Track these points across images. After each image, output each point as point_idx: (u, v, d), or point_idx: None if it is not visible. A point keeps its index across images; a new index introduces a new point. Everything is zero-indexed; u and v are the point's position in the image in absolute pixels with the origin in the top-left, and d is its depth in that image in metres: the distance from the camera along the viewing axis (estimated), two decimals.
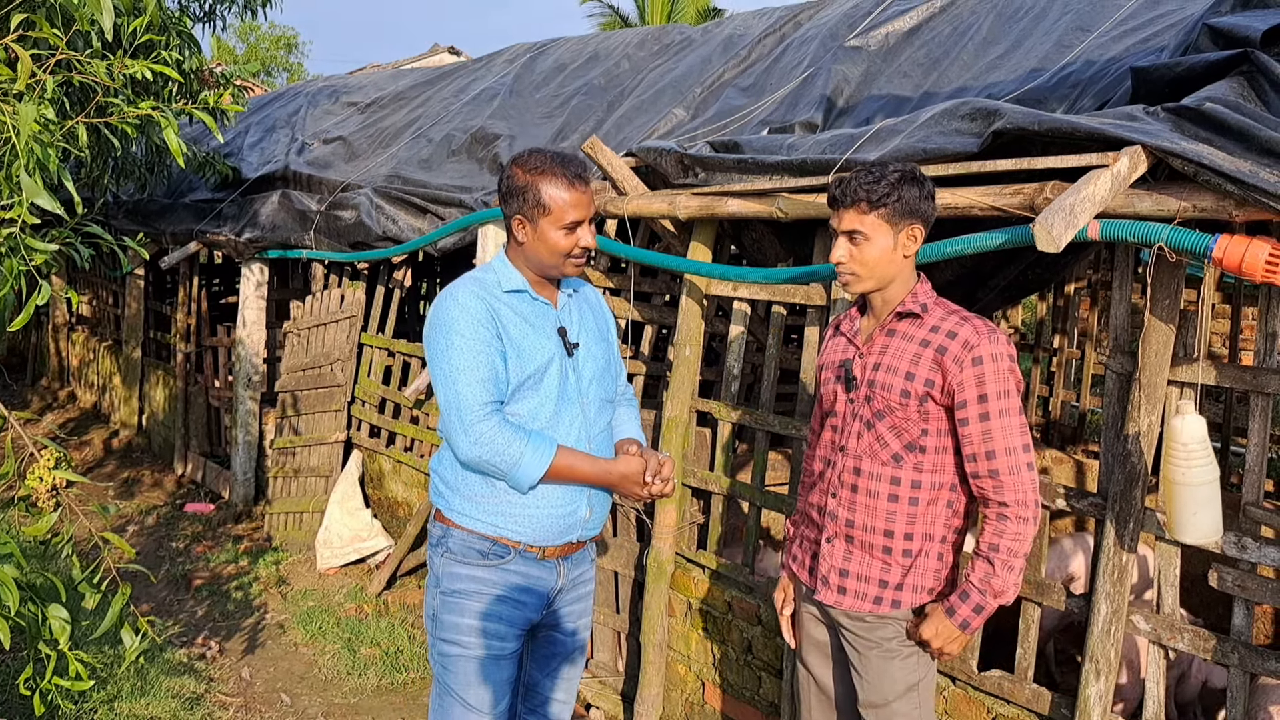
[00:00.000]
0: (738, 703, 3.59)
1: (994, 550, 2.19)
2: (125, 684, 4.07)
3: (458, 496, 2.41)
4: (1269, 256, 2.14)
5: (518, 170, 2.36)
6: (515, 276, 2.42)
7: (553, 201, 2.32)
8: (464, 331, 2.28)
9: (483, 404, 2.27)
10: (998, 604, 2.21)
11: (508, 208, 2.38)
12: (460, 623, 2.41)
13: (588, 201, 2.36)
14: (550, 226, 2.33)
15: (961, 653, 2.88)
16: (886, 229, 2.25)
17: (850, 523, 2.36)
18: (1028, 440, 2.21)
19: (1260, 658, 2.40)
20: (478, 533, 2.38)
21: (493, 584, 2.41)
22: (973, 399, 2.19)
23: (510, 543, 2.39)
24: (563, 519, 2.41)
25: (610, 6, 22.35)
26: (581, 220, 2.36)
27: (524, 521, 2.38)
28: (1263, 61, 2.37)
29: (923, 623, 2.29)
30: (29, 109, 2.09)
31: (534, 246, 2.37)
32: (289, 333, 6.53)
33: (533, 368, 2.35)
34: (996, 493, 2.20)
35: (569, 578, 2.53)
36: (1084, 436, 6.56)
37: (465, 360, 2.27)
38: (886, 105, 3.81)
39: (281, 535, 6.23)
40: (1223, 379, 2.53)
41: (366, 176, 6.11)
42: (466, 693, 2.42)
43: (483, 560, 2.40)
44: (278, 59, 30.32)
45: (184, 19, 5.19)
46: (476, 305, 2.31)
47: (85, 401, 9.65)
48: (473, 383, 2.26)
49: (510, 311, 2.36)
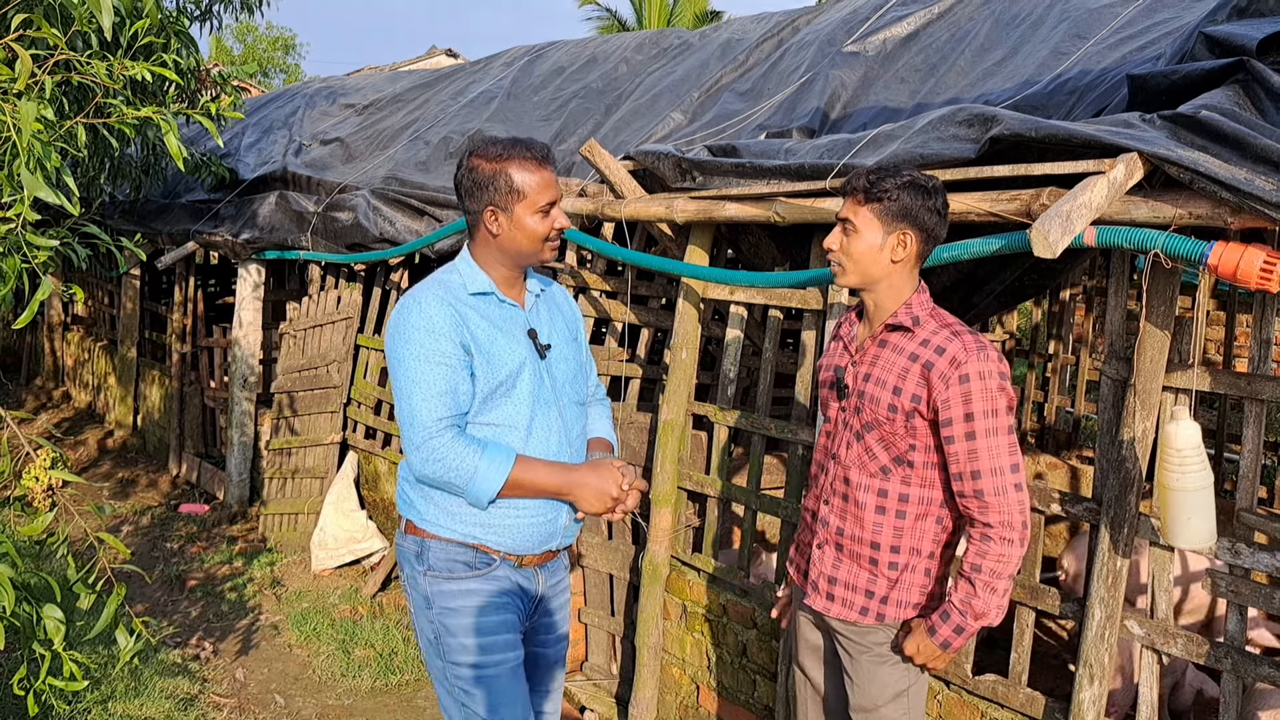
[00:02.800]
0: (732, 706, 3.60)
1: (976, 571, 2.15)
2: (119, 685, 4.06)
3: (431, 506, 2.29)
4: (1263, 264, 2.15)
5: (480, 161, 2.25)
6: (481, 278, 2.31)
7: (526, 185, 2.23)
8: (423, 342, 2.17)
9: (437, 419, 2.16)
10: (979, 625, 2.17)
11: (475, 202, 2.26)
12: (471, 643, 2.28)
13: (555, 181, 2.28)
14: (526, 212, 2.24)
15: (954, 658, 2.90)
16: (877, 226, 2.22)
17: (840, 530, 2.36)
18: (1017, 460, 2.15)
19: (1254, 663, 2.41)
20: (458, 541, 2.27)
21: (488, 593, 2.29)
22: (959, 417, 2.15)
23: (491, 551, 2.28)
24: (543, 527, 2.32)
25: (608, 10, 22.39)
26: (555, 200, 2.28)
27: (503, 532, 2.28)
28: (1258, 70, 2.39)
29: (907, 638, 2.28)
30: (30, 107, 2.09)
31: (510, 236, 2.27)
32: (285, 334, 6.52)
33: (504, 374, 2.24)
34: (981, 513, 2.15)
35: (547, 585, 2.44)
36: (1079, 442, 6.57)
37: (422, 373, 2.16)
38: (884, 111, 3.82)
39: (276, 536, 6.22)
40: (1217, 385, 2.54)
41: (364, 178, 6.11)
42: (497, 713, 2.28)
43: (471, 571, 2.28)
44: (275, 60, 30.30)
45: (181, 19, 5.19)
46: (440, 313, 2.19)
47: (80, 401, 9.63)
48: (428, 397, 2.16)
49: (477, 316, 2.25)
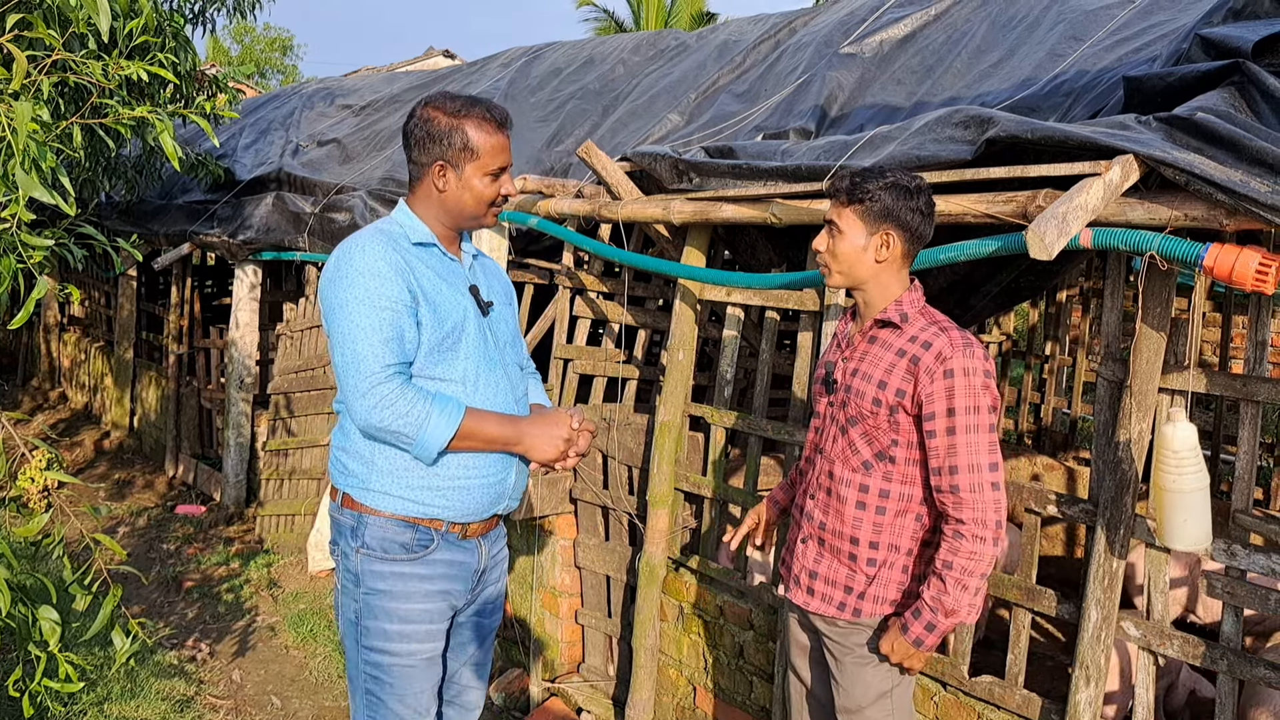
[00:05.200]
0: (729, 707, 3.59)
1: (947, 568, 2.15)
2: (115, 686, 4.05)
3: (374, 472, 2.17)
4: (1259, 265, 2.16)
5: (437, 114, 2.17)
6: (422, 229, 2.23)
7: (481, 146, 2.17)
8: (368, 285, 2.07)
9: (384, 365, 2.05)
10: (951, 623, 2.18)
11: (425, 154, 2.19)
12: (390, 629, 2.21)
13: (509, 147, 2.23)
14: (477, 173, 2.18)
15: (950, 659, 2.90)
16: (860, 227, 2.25)
17: (823, 525, 2.38)
18: (995, 459, 2.16)
19: (1248, 664, 2.41)
20: (399, 516, 2.17)
21: (420, 578, 2.21)
22: (941, 412, 2.16)
23: (434, 523, 2.19)
24: (493, 488, 2.25)
25: (605, 11, 22.40)
26: (507, 166, 2.22)
27: (454, 495, 2.19)
28: (1254, 72, 2.39)
29: (882, 637, 2.29)
30: (26, 107, 2.09)
31: (457, 196, 2.20)
32: (282, 335, 6.52)
33: (449, 325, 2.17)
34: (956, 509, 2.16)
35: (489, 557, 2.36)
36: (1075, 443, 6.58)
37: (367, 318, 2.06)
38: (880, 112, 3.83)
39: (273, 537, 6.21)
40: (1213, 387, 2.55)
41: (361, 179, 6.11)
42: (403, 702, 2.24)
43: (407, 555, 2.18)
44: (272, 61, 30.27)
45: (176, 18, 5.19)
46: (385, 256, 2.10)
47: (76, 402, 9.62)
48: (374, 343, 2.05)
49: (421, 265, 2.18)
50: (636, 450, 3.96)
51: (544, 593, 4.24)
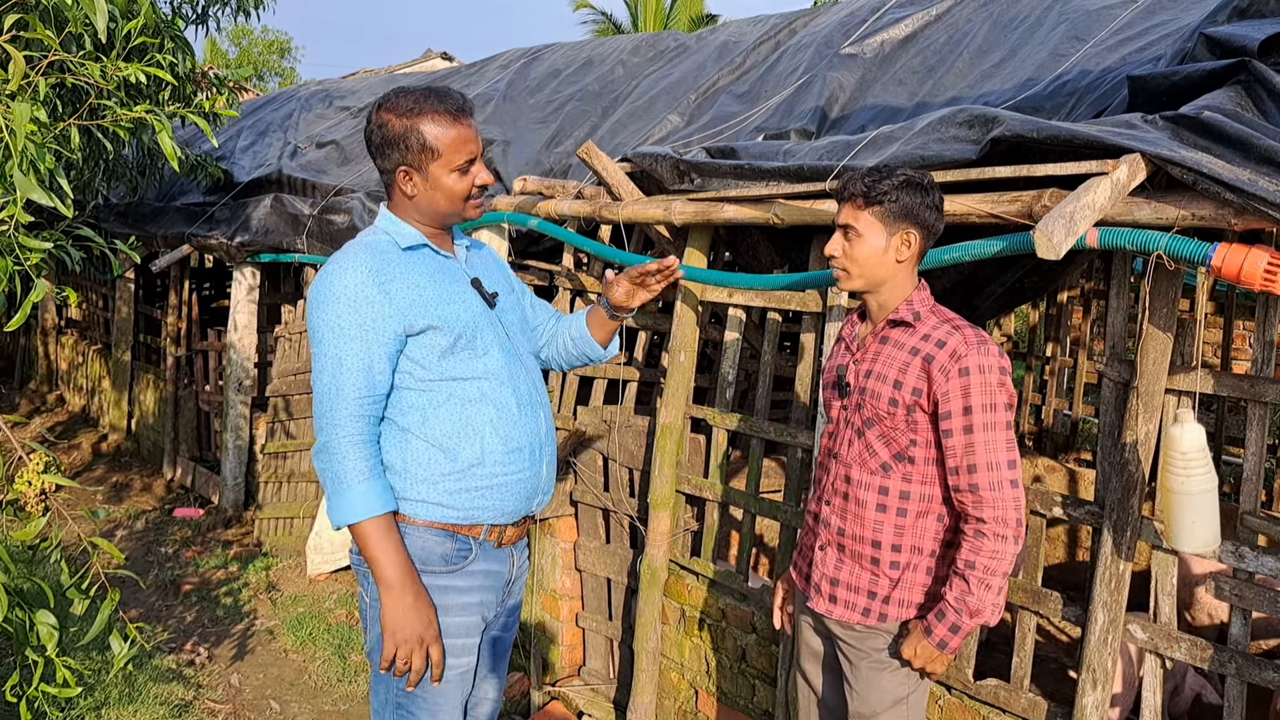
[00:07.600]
0: (731, 711, 3.57)
1: (970, 568, 2.13)
2: (113, 691, 4.03)
3: (407, 480, 2.10)
4: (1268, 265, 2.14)
5: (390, 117, 2.07)
6: (410, 232, 2.15)
7: (440, 142, 2.06)
8: (340, 314, 2.02)
9: (353, 400, 2.02)
10: (975, 624, 2.15)
11: (387, 161, 2.10)
12: None
13: (475, 135, 2.11)
14: (442, 171, 2.09)
15: (955, 662, 2.88)
16: (880, 228, 2.21)
17: (842, 531, 2.34)
18: (1014, 456, 2.14)
19: (1257, 668, 2.39)
20: (438, 524, 2.10)
21: (459, 591, 2.14)
22: (957, 410, 2.14)
23: (473, 531, 2.14)
24: (529, 482, 2.20)
25: (604, 13, 22.41)
26: (474, 157, 2.11)
27: (492, 494, 2.13)
28: (1260, 71, 2.38)
29: (904, 641, 2.26)
30: (23, 108, 2.07)
31: (428, 197, 2.12)
32: (280, 337, 6.50)
33: (460, 325, 2.10)
34: (976, 508, 2.14)
35: (517, 567, 2.31)
36: (1076, 444, 6.56)
37: (336, 348, 2.02)
38: (882, 113, 3.82)
39: (271, 540, 6.19)
40: (1220, 388, 2.53)
41: (359, 180, 6.10)
42: (436, 718, 2.17)
43: (445, 566, 2.12)
44: (270, 63, 30.24)
45: (177, 21, 5.17)
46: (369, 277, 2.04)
47: (74, 405, 9.59)
48: (338, 374, 2.02)
49: (415, 272, 2.10)
50: (637, 452, 3.94)
51: (544, 596, 4.22)
